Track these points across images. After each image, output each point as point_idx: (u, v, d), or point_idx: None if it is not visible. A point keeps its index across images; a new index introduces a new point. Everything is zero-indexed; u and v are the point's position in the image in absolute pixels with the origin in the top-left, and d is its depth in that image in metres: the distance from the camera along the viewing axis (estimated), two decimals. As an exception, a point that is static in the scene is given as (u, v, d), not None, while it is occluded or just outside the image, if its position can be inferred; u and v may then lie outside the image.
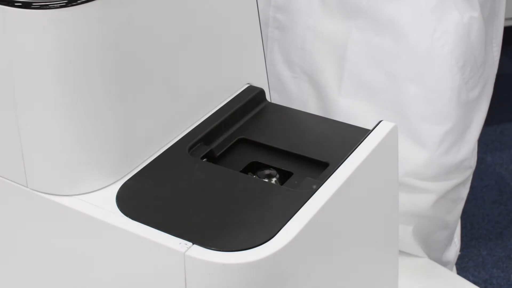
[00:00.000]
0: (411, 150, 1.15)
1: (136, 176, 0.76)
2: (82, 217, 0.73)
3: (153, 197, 0.75)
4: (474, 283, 1.26)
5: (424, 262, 1.23)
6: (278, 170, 0.81)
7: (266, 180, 0.80)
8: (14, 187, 0.76)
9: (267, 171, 0.81)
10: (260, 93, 0.89)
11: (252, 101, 0.88)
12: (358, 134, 0.82)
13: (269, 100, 0.90)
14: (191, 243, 0.68)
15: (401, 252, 1.22)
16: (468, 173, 1.23)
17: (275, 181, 0.81)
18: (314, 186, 0.75)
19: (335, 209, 0.75)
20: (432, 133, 1.15)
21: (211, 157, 0.81)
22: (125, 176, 0.76)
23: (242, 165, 0.81)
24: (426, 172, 1.16)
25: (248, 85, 0.89)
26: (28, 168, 0.74)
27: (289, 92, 1.17)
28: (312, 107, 1.17)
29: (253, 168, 0.81)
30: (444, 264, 1.30)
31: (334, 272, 0.79)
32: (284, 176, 0.80)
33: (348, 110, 1.13)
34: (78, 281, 0.77)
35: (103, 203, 0.73)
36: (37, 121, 0.72)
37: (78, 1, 0.67)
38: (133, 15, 0.72)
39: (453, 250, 1.32)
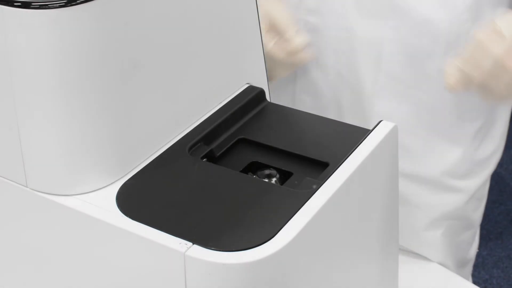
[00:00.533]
0: (446, 149, 1.16)
1: (136, 176, 0.76)
2: (82, 217, 0.73)
3: (153, 197, 0.75)
4: (474, 283, 1.25)
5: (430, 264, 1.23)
6: (278, 170, 0.81)
7: (266, 180, 0.80)
8: (14, 187, 0.76)
9: (267, 171, 0.81)
10: (260, 93, 0.89)
11: (252, 101, 0.88)
12: (358, 134, 0.82)
13: (269, 100, 0.90)
14: (191, 243, 0.68)
15: (416, 255, 1.22)
16: (494, 168, 1.23)
17: (275, 181, 0.81)
18: (314, 186, 0.75)
19: (335, 209, 0.75)
20: (465, 131, 1.16)
21: (211, 157, 0.81)
22: (125, 176, 0.76)
23: (242, 165, 0.81)
24: (460, 169, 1.17)
25: (248, 85, 0.89)
26: (28, 168, 0.74)
27: (323, 95, 1.17)
28: (347, 108, 1.16)
29: (253, 168, 0.81)
30: (465, 263, 1.30)
31: (334, 272, 0.79)
32: (284, 176, 0.80)
33: (383, 110, 1.13)
34: (78, 281, 0.77)
35: (103, 203, 0.73)
36: (36, 121, 0.72)
37: (78, 1, 0.67)
38: (132, 15, 0.72)
39: (474, 247, 1.32)
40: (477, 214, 1.26)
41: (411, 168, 1.17)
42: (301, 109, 1.12)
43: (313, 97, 1.18)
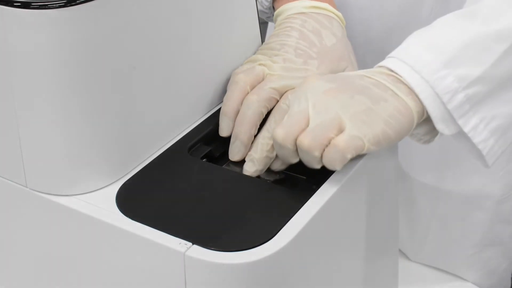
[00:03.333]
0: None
1: (136, 176, 0.76)
2: (82, 217, 0.73)
3: (153, 197, 0.75)
4: (475, 282, 1.25)
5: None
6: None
7: (266, 180, 0.80)
8: (13, 187, 0.76)
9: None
10: (260, 93, 0.88)
11: (252, 101, 0.87)
12: (358, 134, 0.82)
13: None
14: (191, 243, 0.68)
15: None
16: None
17: (275, 181, 0.81)
18: (314, 186, 0.75)
19: (335, 209, 0.75)
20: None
21: (211, 157, 0.81)
22: (125, 176, 0.76)
23: (241, 164, 0.81)
24: (494, 191, 1.13)
25: (248, 85, 0.89)
26: (28, 168, 0.74)
27: None
28: None
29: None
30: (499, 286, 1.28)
31: (334, 272, 0.79)
32: (284, 176, 0.80)
33: None
34: (78, 281, 0.77)
35: (103, 203, 0.73)
36: (36, 121, 0.72)
37: (77, 1, 0.67)
38: (132, 15, 0.72)
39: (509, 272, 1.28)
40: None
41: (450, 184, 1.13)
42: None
43: None
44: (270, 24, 1.16)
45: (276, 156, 0.80)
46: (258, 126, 0.82)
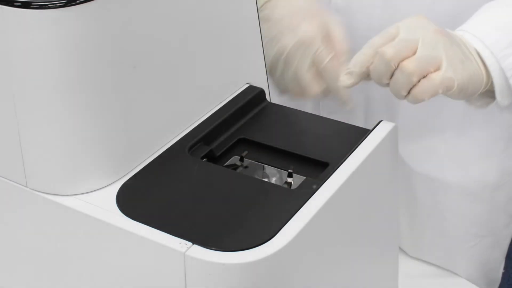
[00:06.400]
0: (477, 156, 1.14)
1: (136, 176, 0.76)
2: (82, 217, 0.73)
3: (153, 197, 0.75)
4: (475, 283, 1.25)
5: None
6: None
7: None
8: (14, 187, 0.76)
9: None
10: (260, 93, 0.89)
11: (252, 101, 0.88)
12: (358, 134, 0.82)
13: (269, 100, 0.90)
14: (191, 243, 0.68)
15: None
16: None
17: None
18: (314, 186, 0.75)
19: (335, 209, 0.75)
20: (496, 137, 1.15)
21: (211, 157, 0.81)
22: (125, 176, 0.76)
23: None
24: (491, 178, 1.16)
25: (248, 85, 0.89)
26: (28, 168, 0.74)
27: None
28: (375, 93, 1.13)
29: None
30: (493, 282, 1.28)
31: (334, 272, 0.79)
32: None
33: None
34: (78, 281, 0.77)
35: (103, 203, 0.73)
36: (36, 121, 0.72)
37: (78, 1, 0.67)
38: (132, 15, 0.72)
39: (501, 267, 1.30)
40: (507, 232, 1.24)
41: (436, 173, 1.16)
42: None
43: None
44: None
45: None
46: None
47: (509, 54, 0.92)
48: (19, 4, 0.67)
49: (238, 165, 0.81)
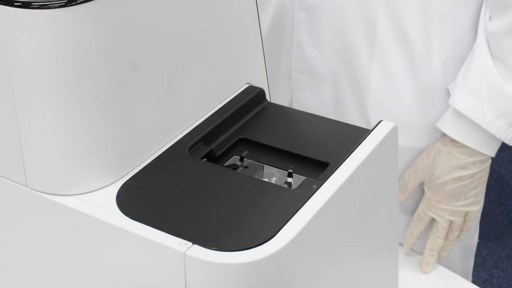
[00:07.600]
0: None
1: (136, 176, 0.76)
2: (82, 217, 0.73)
3: (153, 197, 0.75)
4: (474, 283, 1.25)
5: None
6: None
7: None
8: (14, 187, 0.76)
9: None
10: (260, 93, 0.89)
11: (252, 101, 0.88)
12: (358, 134, 0.82)
13: (269, 100, 0.90)
14: (191, 243, 0.68)
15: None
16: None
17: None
18: (314, 186, 0.75)
19: (335, 209, 0.75)
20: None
21: (211, 157, 0.81)
22: (125, 176, 0.76)
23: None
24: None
25: (248, 85, 0.89)
26: (28, 168, 0.74)
27: (319, 73, 1.17)
28: (344, 85, 1.16)
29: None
30: (470, 251, 1.30)
31: (334, 271, 0.79)
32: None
33: (380, 87, 1.14)
34: (78, 281, 0.77)
35: (103, 203, 0.73)
36: (36, 121, 0.72)
37: (78, 1, 0.67)
38: (132, 15, 0.72)
39: (476, 236, 1.32)
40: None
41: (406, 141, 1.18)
42: (297, 89, 1.15)
43: (310, 77, 1.18)
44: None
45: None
46: None
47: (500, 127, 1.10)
48: (19, 4, 0.67)
49: (238, 165, 0.81)
